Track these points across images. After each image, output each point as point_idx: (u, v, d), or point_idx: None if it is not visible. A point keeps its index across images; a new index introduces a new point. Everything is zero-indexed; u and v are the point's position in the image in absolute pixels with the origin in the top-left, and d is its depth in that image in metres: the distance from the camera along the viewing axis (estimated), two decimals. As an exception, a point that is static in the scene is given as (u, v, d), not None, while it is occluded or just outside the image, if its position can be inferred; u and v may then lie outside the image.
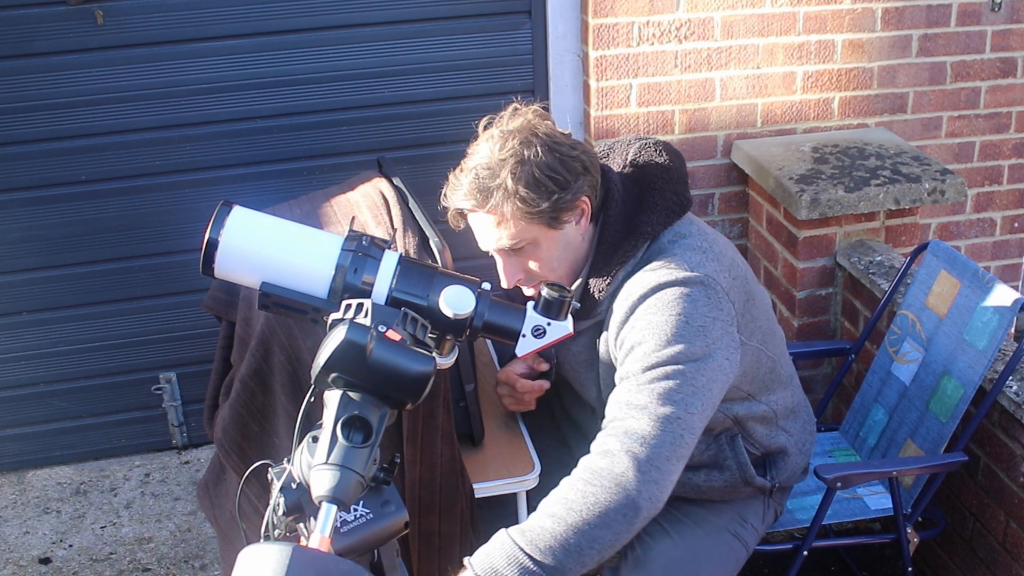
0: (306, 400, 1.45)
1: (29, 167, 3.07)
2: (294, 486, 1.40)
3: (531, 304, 1.63)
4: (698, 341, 1.81)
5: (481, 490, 2.10)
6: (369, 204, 2.17)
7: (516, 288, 2.00)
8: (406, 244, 2.02)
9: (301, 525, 1.41)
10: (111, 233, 3.17)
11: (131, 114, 3.06)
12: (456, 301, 1.55)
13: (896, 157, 3.15)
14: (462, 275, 1.60)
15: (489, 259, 1.97)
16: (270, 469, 1.44)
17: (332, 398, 1.39)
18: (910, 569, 2.46)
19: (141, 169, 3.12)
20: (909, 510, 2.42)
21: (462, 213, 1.90)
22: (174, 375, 3.35)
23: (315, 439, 1.39)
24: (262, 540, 1.39)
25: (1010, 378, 2.35)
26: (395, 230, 2.07)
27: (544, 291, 1.62)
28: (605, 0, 3.08)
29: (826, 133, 3.38)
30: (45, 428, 3.34)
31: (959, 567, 2.64)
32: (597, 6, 3.08)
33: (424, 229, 2.08)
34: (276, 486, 1.41)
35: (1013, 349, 2.37)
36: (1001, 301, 2.34)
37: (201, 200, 3.10)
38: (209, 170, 3.16)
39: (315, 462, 1.34)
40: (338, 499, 1.32)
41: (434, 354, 1.45)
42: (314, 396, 1.44)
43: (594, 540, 1.68)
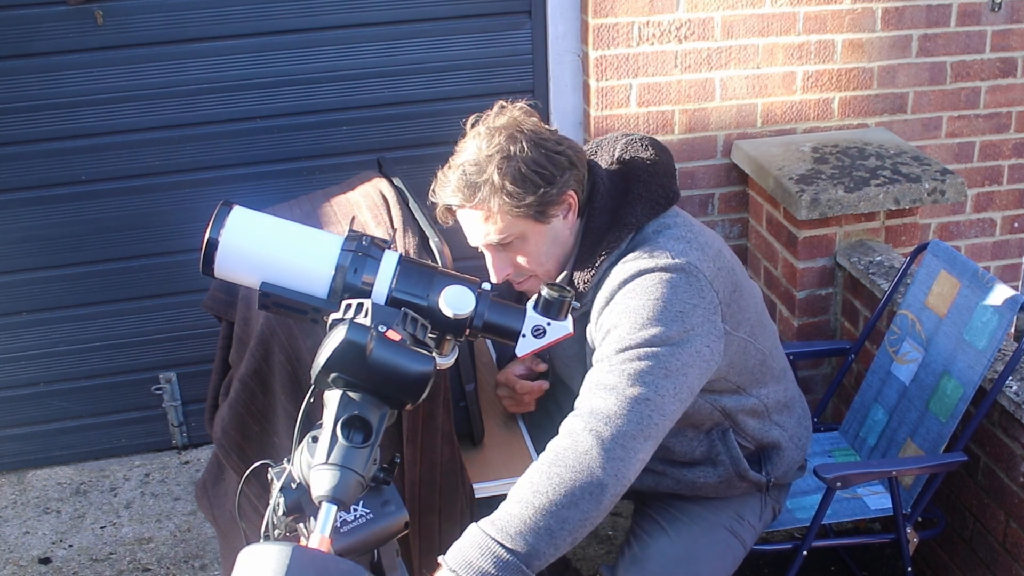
0: (306, 400, 1.45)
1: (29, 167, 3.07)
2: (294, 486, 1.40)
3: (531, 304, 1.64)
4: (675, 326, 1.81)
5: (481, 490, 2.10)
6: (369, 204, 2.17)
7: (517, 291, 2.01)
8: (406, 244, 2.02)
9: (301, 525, 1.41)
10: (111, 233, 3.17)
11: (131, 114, 3.06)
12: (456, 301, 1.55)
13: (896, 157, 3.15)
14: (462, 275, 1.60)
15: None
16: (270, 469, 1.44)
17: (332, 398, 1.39)
18: (910, 569, 2.46)
19: (141, 169, 3.12)
20: (909, 510, 2.42)
21: (451, 209, 1.92)
22: (174, 375, 3.35)
23: (315, 439, 1.39)
24: (262, 540, 1.39)
25: (1010, 378, 2.35)
26: (395, 230, 2.07)
27: (544, 291, 1.62)
28: (605, 0, 3.08)
29: (826, 133, 3.38)
30: (45, 428, 3.34)
31: (959, 567, 2.64)
32: (597, 6, 3.08)
33: (424, 229, 2.08)
34: (276, 486, 1.41)
35: (1013, 349, 2.37)
36: (1001, 301, 2.34)
37: (201, 200, 3.10)
38: (209, 170, 3.16)
39: (315, 462, 1.34)
40: (338, 499, 1.32)
41: (434, 354, 1.45)
42: (314, 396, 1.44)
43: (564, 521, 1.67)
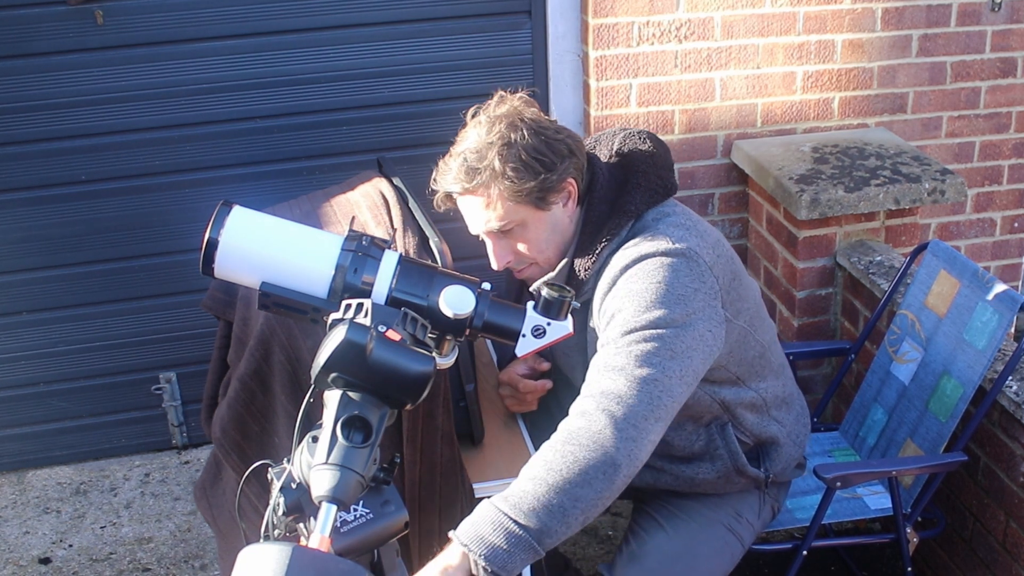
0: (306, 400, 1.45)
1: (29, 167, 3.07)
2: (294, 486, 1.40)
3: (531, 304, 1.64)
4: (678, 308, 1.83)
5: (481, 490, 2.10)
6: (369, 204, 2.17)
7: (517, 290, 2.00)
8: (406, 244, 2.02)
9: (301, 525, 1.41)
10: (111, 233, 3.17)
11: (131, 114, 3.06)
12: (456, 301, 1.55)
13: (896, 157, 3.15)
14: (462, 275, 1.60)
15: (488, 259, 1.98)
16: (270, 469, 1.44)
17: (332, 398, 1.39)
18: (910, 569, 2.46)
19: (141, 169, 3.12)
20: (909, 510, 2.42)
21: (451, 197, 1.93)
22: (174, 375, 3.35)
23: (315, 439, 1.39)
24: (262, 540, 1.39)
25: (1010, 378, 2.35)
26: (395, 230, 2.07)
27: (544, 291, 1.62)
28: (605, 0, 3.08)
29: (826, 133, 3.38)
30: (45, 428, 3.34)
31: (959, 567, 2.64)
32: (597, 6, 3.08)
33: (424, 229, 2.08)
34: (276, 486, 1.41)
35: (1013, 349, 2.37)
36: (1001, 301, 2.34)
37: (201, 200, 3.10)
38: (209, 170, 3.16)
39: (315, 462, 1.34)
40: (338, 499, 1.32)
41: (434, 354, 1.45)
42: (314, 396, 1.44)
43: (576, 499, 1.68)
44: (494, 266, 1.96)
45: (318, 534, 1.31)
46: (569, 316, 1.65)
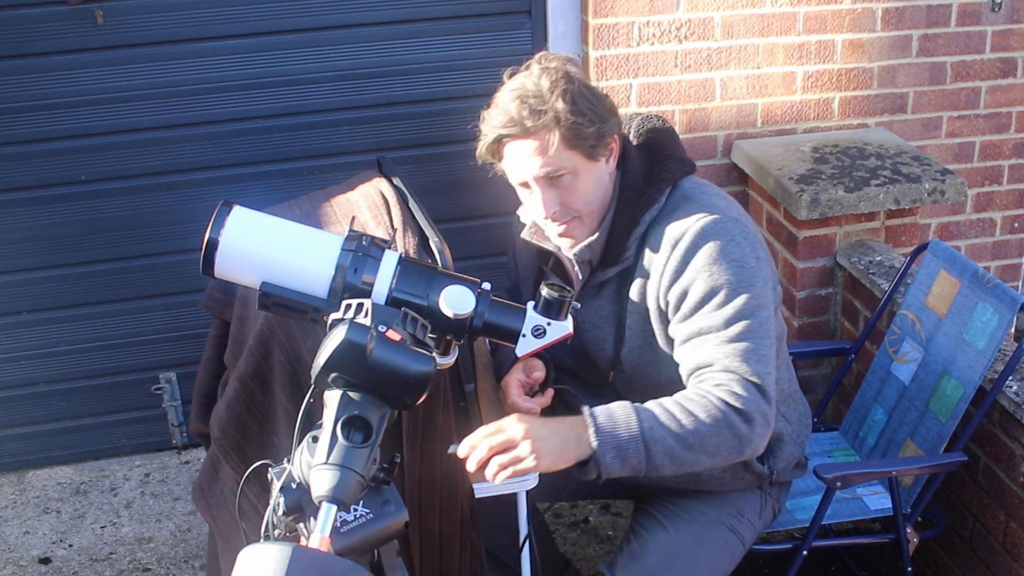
0: (306, 400, 1.45)
1: (29, 167, 3.07)
2: (294, 486, 1.40)
3: (531, 304, 1.64)
4: (744, 273, 1.91)
5: (481, 490, 2.10)
6: (369, 204, 2.17)
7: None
8: (406, 244, 2.02)
9: (301, 525, 1.41)
10: (111, 233, 3.17)
11: (131, 114, 3.06)
12: (456, 301, 1.55)
13: (896, 157, 3.15)
14: (462, 275, 1.60)
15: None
16: (270, 469, 1.44)
17: (332, 398, 1.39)
18: (910, 569, 2.46)
19: (141, 169, 3.12)
20: (909, 510, 2.42)
21: (501, 143, 1.92)
22: (174, 375, 3.35)
23: (315, 439, 1.39)
24: (262, 540, 1.39)
25: (1010, 378, 2.35)
26: (395, 230, 2.07)
27: (544, 291, 1.63)
28: (605, 0, 3.08)
29: (826, 133, 3.38)
30: (45, 428, 3.34)
31: (959, 567, 2.64)
32: (597, 6, 3.08)
33: (424, 229, 2.08)
34: (276, 486, 1.41)
35: (1013, 349, 2.37)
36: (1001, 301, 2.34)
37: (201, 200, 3.10)
38: (209, 170, 3.16)
39: (315, 462, 1.34)
40: (338, 499, 1.32)
41: (434, 354, 1.45)
42: (314, 396, 1.44)
43: (694, 464, 1.85)
44: (543, 214, 1.95)
45: (318, 534, 1.31)
46: (569, 316, 1.66)
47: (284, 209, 2.21)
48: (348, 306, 1.45)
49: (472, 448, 1.76)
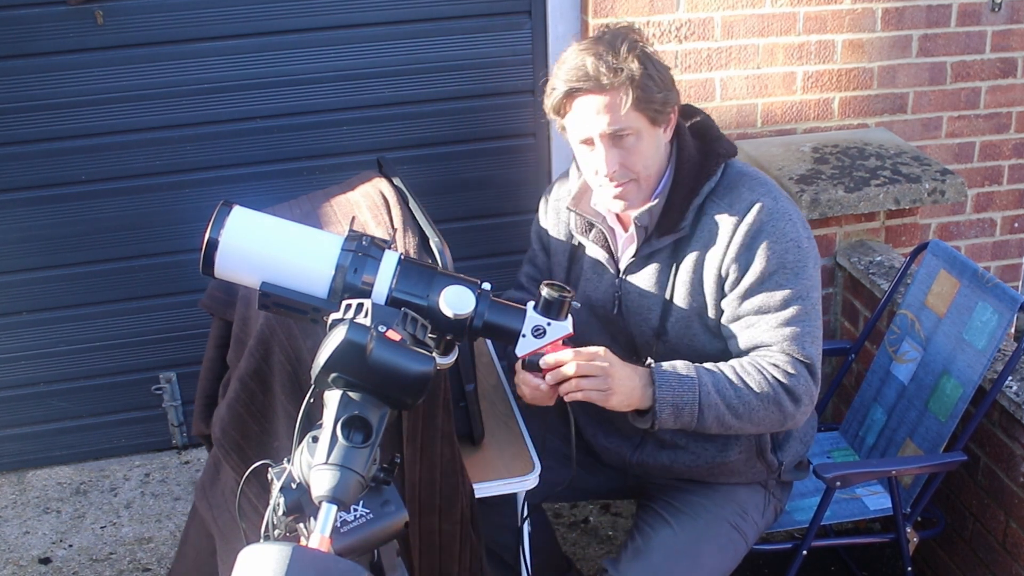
0: (306, 400, 1.45)
1: (29, 167, 3.07)
2: (294, 486, 1.40)
3: (531, 304, 1.64)
4: (810, 264, 1.99)
5: (481, 490, 2.10)
6: (369, 204, 2.17)
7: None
8: (406, 244, 2.02)
9: (301, 525, 1.41)
10: (111, 233, 3.17)
11: (131, 114, 3.06)
12: (456, 301, 1.55)
13: (896, 157, 3.15)
14: (462, 275, 1.60)
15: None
16: (270, 469, 1.44)
17: (332, 398, 1.39)
18: (910, 569, 2.46)
19: (141, 169, 3.12)
20: (908, 510, 2.42)
21: (572, 96, 1.93)
22: (174, 375, 3.35)
23: (315, 439, 1.39)
24: (262, 540, 1.39)
25: (1010, 378, 2.35)
26: (395, 230, 2.07)
27: (544, 291, 1.63)
28: (605, 0, 3.08)
29: (826, 133, 3.38)
30: (45, 428, 3.34)
31: (959, 567, 2.64)
32: (597, 6, 3.08)
33: (424, 229, 2.08)
34: (276, 486, 1.41)
35: (1013, 349, 2.37)
36: (1000, 301, 2.34)
37: (201, 200, 3.10)
38: (209, 170, 3.16)
39: (315, 462, 1.34)
40: (338, 499, 1.32)
41: (434, 354, 1.45)
42: (314, 396, 1.44)
43: (738, 430, 1.97)
44: (604, 171, 1.96)
45: (318, 534, 1.31)
46: (569, 316, 1.66)
47: (284, 209, 2.21)
48: (348, 306, 1.45)
49: (558, 363, 1.77)
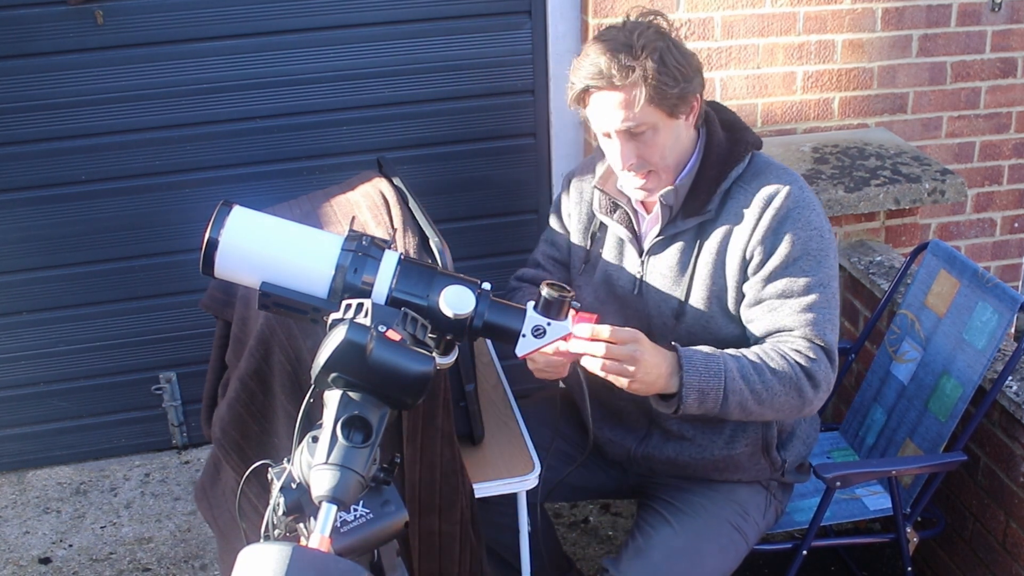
0: (306, 400, 1.45)
1: (29, 167, 3.07)
2: (294, 486, 1.40)
3: (531, 304, 1.64)
4: (831, 252, 2.02)
5: (481, 490, 2.10)
6: (369, 204, 2.17)
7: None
8: (406, 244, 2.02)
9: (301, 525, 1.41)
10: (111, 233, 3.17)
11: (131, 114, 3.06)
12: (456, 301, 1.55)
13: (896, 157, 3.15)
14: (462, 275, 1.60)
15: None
16: (270, 469, 1.44)
17: (332, 398, 1.39)
18: (910, 569, 2.46)
19: (141, 169, 3.12)
20: (908, 510, 2.42)
21: (588, 92, 1.96)
22: (174, 375, 3.35)
23: (315, 439, 1.39)
24: (262, 540, 1.39)
25: (1010, 378, 2.35)
26: (395, 230, 2.07)
27: (544, 291, 1.63)
28: (605, 0, 3.07)
29: (826, 133, 3.38)
30: (45, 428, 3.34)
31: (959, 567, 2.64)
32: (597, 6, 3.08)
33: (424, 229, 2.08)
34: (276, 486, 1.41)
35: (1013, 349, 2.37)
36: (1000, 301, 2.34)
37: (201, 200, 3.10)
38: (209, 170, 3.16)
39: (315, 462, 1.34)
40: (338, 499, 1.32)
41: (434, 354, 1.45)
42: (314, 396, 1.44)
43: (758, 416, 1.97)
44: (620, 166, 2.00)
45: (318, 534, 1.31)
46: (569, 316, 1.66)
47: (284, 209, 2.21)
48: (348, 306, 1.45)
49: (593, 336, 1.77)
